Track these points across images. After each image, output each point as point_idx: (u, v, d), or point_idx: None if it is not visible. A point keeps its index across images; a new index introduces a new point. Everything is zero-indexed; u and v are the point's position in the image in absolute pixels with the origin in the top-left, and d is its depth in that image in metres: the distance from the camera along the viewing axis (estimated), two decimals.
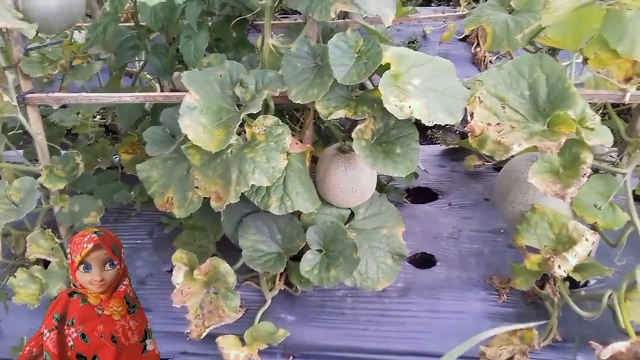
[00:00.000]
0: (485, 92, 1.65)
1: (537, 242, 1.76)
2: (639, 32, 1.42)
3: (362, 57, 1.53)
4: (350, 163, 1.79)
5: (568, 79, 1.59)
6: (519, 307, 2.04)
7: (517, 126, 1.62)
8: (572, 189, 1.55)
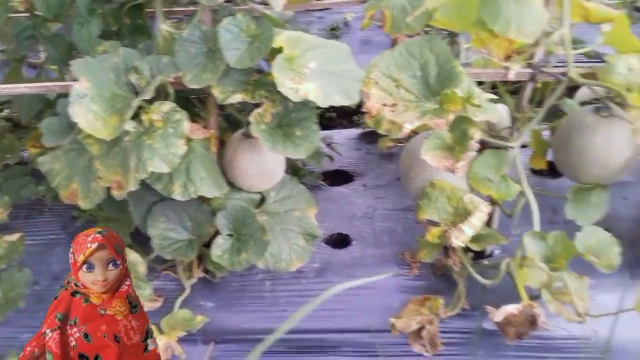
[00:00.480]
0: (380, 73, 1.71)
1: (437, 216, 1.85)
2: (513, 13, 1.51)
3: (254, 40, 1.55)
4: (255, 148, 1.82)
5: (454, 60, 1.67)
6: (429, 279, 2.13)
7: (411, 105, 1.69)
8: (461, 163, 1.64)
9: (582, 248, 1.73)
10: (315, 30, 4.37)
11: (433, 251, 1.89)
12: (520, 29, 1.52)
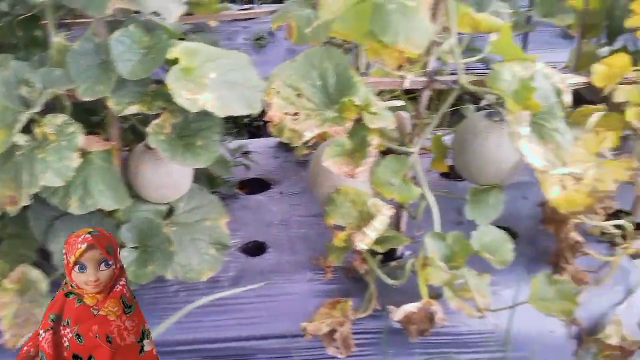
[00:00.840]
0: (281, 83, 1.74)
1: (343, 220, 1.90)
2: (401, 25, 1.58)
3: (149, 52, 1.55)
4: (158, 159, 1.80)
5: (351, 69, 1.73)
6: (342, 282, 2.17)
7: (312, 114, 1.73)
8: (360, 169, 1.69)
9: (478, 246, 1.82)
10: (240, 40, 4.39)
11: (340, 255, 1.93)
12: (409, 40, 1.59)
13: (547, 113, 1.54)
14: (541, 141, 1.53)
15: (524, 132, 1.45)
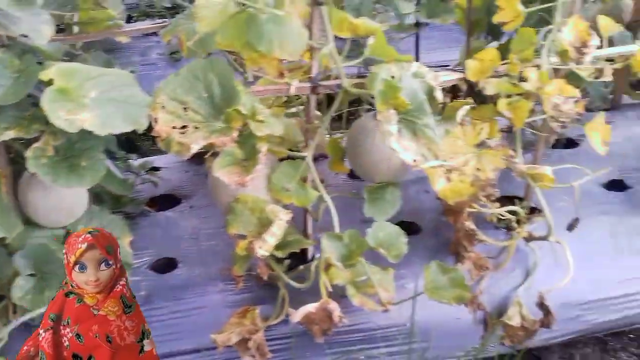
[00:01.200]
0: (166, 97, 1.75)
1: (244, 229, 1.92)
2: (275, 34, 1.63)
3: (20, 75, 1.54)
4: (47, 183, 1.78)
5: (234, 79, 1.76)
6: (254, 291, 2.19)
7: (201, 126, 1.75)
8: (251, 176, 1.72)
9: (374, 242, 1.88)
10: (154, 55, 4.36)
11: (244, 264, 1.95)
12: (283, 48, 1.63)
13: (417, 110, 1.62)
14: (414, 137, 1.60)
15: (393, 130, 1.51)
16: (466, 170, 1.86)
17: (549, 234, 2.17)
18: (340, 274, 1.89)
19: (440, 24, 2.43)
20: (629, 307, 2.27)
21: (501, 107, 1.83)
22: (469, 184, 1.86)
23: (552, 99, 1.71)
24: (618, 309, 2.26)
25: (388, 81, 1.60)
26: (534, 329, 2.14)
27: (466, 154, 1.88)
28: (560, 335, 2.24)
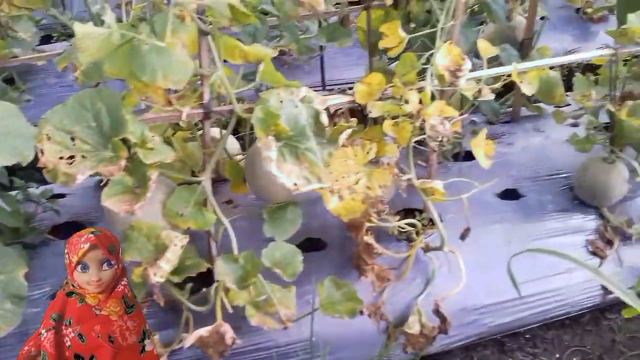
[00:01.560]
0: (53, 128, 1.73)
1: (140, 256, 1.92)
2: (157, 63, 1.65)
3: None
4: None
5: (124, 108, 1.77)
6: (158, 316, 2.18)
7: (88, 155, 1.74)
8: (140, 204, 1.73)
9: (270, 263, 1.92)
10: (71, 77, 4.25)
11: (141, 290, 1.95)
12: (167, 77, 1.66)
13: (299, 135, 1.68)
14: (297, 161, 1.66)
15: (273, 155, 1.57)
16: (357, 188, 1.94)
17: (442, 244, 2.28)
18: (239, 295, 1.92)
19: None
20: (522, 309, 2.41)
21: (386, 128, 1.92)
22: (360, 201, 1.94)
23: (430, 120, 1.81)
24: (512, 311, 2.40)
25: (266, 109, 1.65)
26: (433, 335, 2.24)
27: (357, 172, 1.96)
28: (459, 340, 2.36)
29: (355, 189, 1.93)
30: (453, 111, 1.91)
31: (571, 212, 2.67)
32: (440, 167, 2.89)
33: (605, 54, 2.32)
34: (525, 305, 2.42)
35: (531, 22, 3.06)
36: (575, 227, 2.62)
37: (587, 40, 4.48)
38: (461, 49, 2.31)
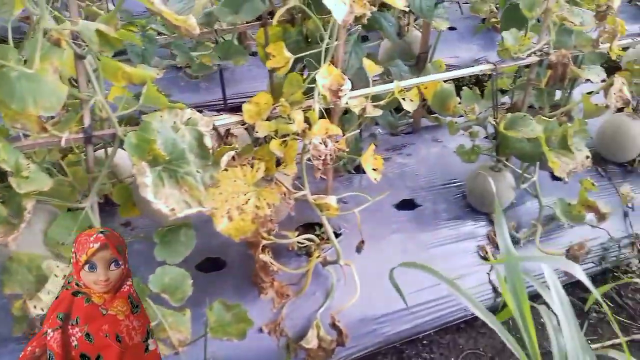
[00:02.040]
0: None
1: (21, 288, 1.84)
2: (27, 90, 1.59)
3: None
4: None
5: None
6: None
7: None
8: (14, 235, 1.67)
9: (158, 288, 1.90)
10: None
11: (23, 323, 1.87)
12: (38, 104, 1.60)
13: (178, 159, 1.68)
14: (176, 185, 1.65)
15: (147, 181, 1.55)
16: (246, 208, 1.95)
17: (338, 258, 2.34)
18: None
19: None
20: (419, 316, 2.51)
21: (273, 147, 1.95)
22: (249, 221, 1.95)
23: (312, 140, 1.85)
24: (409, 319, 2.49)
25: (140, 134, 1.63)
26: (331, 348, 2.28)
27: (246, 192, 1.97)
28: (359, 350, 2.42)
29: (244, 209, 1.94)
30: (337, 129, 1.96)
31: (464, 220, 2.81)
32: (343, 180, 2.96)
33: (485, 69, 2.46)
34: (422, 311, 2.52)
35: (426, 36, 3.20)
36: (467, 234, 2.76)
37: (493, 49, 4.73)
38: (352, 66, 2.40)
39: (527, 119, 2.40)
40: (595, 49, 2.49)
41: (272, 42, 2.69)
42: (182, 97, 3.46)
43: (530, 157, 2.59)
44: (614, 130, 3.13)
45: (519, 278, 1.35)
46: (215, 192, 1.95)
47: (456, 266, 2.66)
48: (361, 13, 1.88)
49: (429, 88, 2.90)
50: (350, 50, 2.43)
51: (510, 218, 2.87)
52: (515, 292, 1.33)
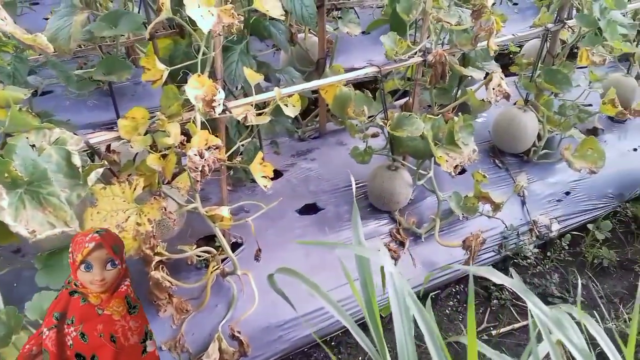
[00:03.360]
0: None
1: None
2: None
3: None
4: None
5: None
6: None
7: None
8: None
9: (37, 315, 1.82)
10: None
11: None
12: None
13: (40, 180, 1.62)
14: (39, 207, 1.60)
15: (4, 204, 1.50)
16: (126, 226, 1.91)
17: (235, 268, 2.33)
18: (7, 352, 1.80)
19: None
20: (323, 319, 2.52)
21: (150, 162, 1.92)
22: (131, 239, 1.91)
23: (188, 152, 1.84)
24: (314, 323, 2.51)
25: None
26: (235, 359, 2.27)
27: (126, 210, 1.93)
28: (266, 358, 2.41)
29: (124, 227, 1.90)
30: (217, 140, 1.95)
31: (366, 219, 2.86)
32: (246, 189, 2.96)
33: (370, 72, 2.52)
34: (325, 315, 2.53)
35: (322, 43, 3.25)
36: (370, 233, 2.81)
37: None
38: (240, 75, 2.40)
39: (412, 118, 2.47)
40: (474, 46, 2.59)
41: (162, 55, 2.68)
42: (80, 116, 3.37)
43: (422, 154, 2.66)
44: (507, 123, 3.27)
45: (368, 273, 1.39)
46: (93, 212, 1.90)
47: (359, 266, 2.70)
48: (230, 22, 1.87)
49: (329, 92, 2.94)
50: (237, 60, 2.44)
51: (412, 214, 2.95)
52: (365, 287, 1.36)
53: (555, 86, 3.05)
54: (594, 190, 3.45)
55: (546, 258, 3.12)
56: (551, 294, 2.86)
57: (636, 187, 3.62)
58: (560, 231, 3.23)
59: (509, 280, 1.23)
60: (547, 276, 2.96)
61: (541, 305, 1.19)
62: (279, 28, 2.70)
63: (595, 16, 2.79)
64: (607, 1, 2.81)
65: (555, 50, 3.15)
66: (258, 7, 2.08)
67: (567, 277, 3.00)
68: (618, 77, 3.80)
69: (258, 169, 2.20)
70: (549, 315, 1.15)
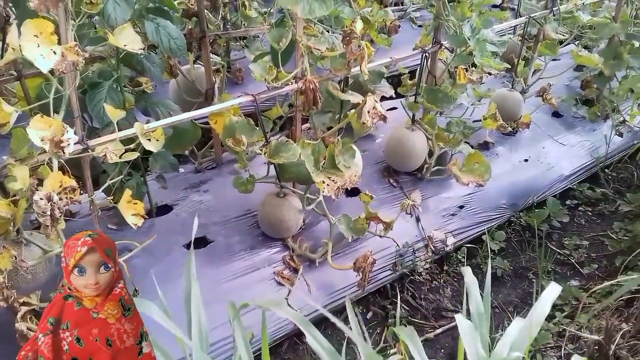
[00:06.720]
0: None
1: None
2: None
3: None
4: None
5: None
6: None
7: None
8: None
9: None
10: None
11: None
12: None
13: None
14: None
15: None
16: None
17: None
18: None
19: None
20: (225, 349, 2.44)
21: None
22: None
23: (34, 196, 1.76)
24: (217, 353, 2.43)
25: None
26: None
27: None
28: None
29: None
30: (71, 181, 1.88)
31: (258, 248, 2.83)
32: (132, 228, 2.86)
33: (244, 101, 2.52)
34: (227, 346, 2.46)
35: (209, 74, 3.23)
36: (263, 262, 2.78)
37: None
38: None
39: (288, 144, 2.48)
40: (349, 71, 2.64)
41: (33, 95, 2.58)
42: None
43: (306, 180, 2.67)
44: (397, 143, 3.35)
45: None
46: None
47: (254, 295, 2.66)
48: (75, 60, 1.82)
49: (219, 122, 2.91)
50: (105, 97, 2.38)
51: (306, 239, 2.94)
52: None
53: (436, 105, 3.16)
54: (488, 202, 3.57)
55: (442, 272, 3.18)
56: (445, 308, 2.92)
57: (528, 197, 3.77)
58: (456, 244, 3.31)
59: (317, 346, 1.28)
60: (441, 290, 3.01)
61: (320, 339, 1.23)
62: (152, 61, 2.66)
63: (465, 36, 2.91)
64: (476, 21, 2.95)
65: (435, 70, 3.27)
66: (113, 42, 2.04)
67: (461, 290, 3.06)
68: (504, 92, 3.98)
69: (127, 207, 2.13)
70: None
